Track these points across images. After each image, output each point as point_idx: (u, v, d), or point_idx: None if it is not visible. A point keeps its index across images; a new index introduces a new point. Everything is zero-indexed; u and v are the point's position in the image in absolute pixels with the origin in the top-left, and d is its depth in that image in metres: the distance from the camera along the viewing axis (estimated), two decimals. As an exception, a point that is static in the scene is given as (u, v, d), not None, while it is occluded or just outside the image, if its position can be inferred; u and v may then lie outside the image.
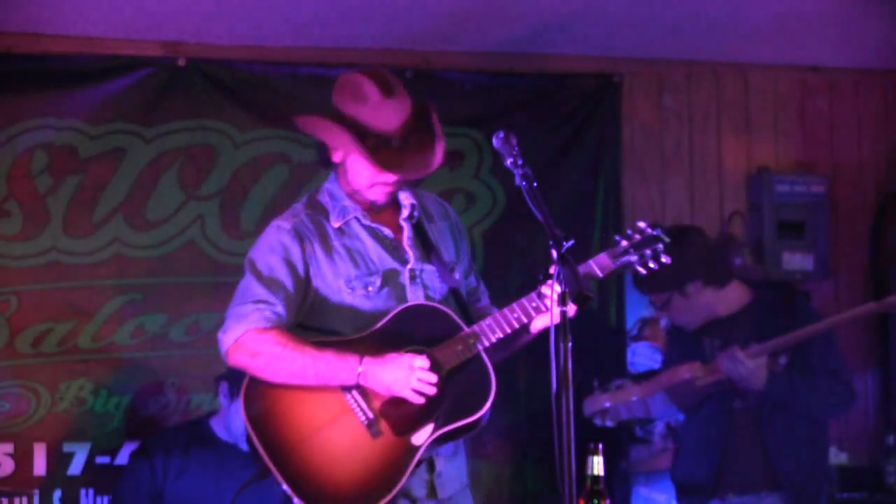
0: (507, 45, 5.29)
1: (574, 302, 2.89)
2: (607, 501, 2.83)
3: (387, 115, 3.34)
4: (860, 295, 5.72)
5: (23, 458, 4.88)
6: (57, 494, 4.89)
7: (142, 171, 5.06)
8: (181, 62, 5.09)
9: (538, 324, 3.32)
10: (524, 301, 3.29)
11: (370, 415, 3.28)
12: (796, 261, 5.51)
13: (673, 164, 5.65)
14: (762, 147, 5.72)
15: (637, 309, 5.51)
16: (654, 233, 3.37)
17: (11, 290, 4.92)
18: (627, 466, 5.39)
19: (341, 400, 3.29)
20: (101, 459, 4.93)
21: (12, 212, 4.95)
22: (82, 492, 4.91)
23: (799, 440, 4.37)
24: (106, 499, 4.90)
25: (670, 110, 5.64)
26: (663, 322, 5.55)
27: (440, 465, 3.38)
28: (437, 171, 5.14)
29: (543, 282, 3.26)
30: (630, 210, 5.52)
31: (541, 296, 3.28)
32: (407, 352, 3.27)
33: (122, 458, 4.92)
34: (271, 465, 3.26)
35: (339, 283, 3.37)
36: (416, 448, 3.26)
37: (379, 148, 3.32)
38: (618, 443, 5.33)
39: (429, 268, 3.42)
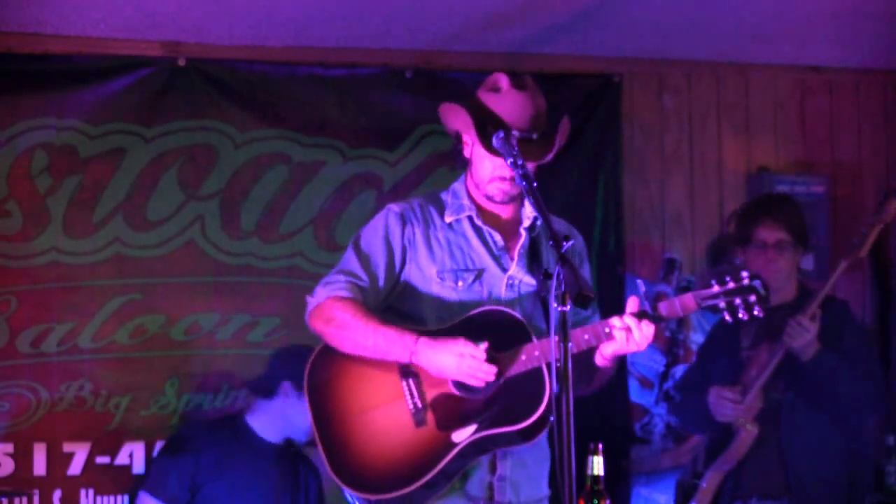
0: (507, 45, 5.29)
1: (574, 302, 2.89)
2: (607, 501, 2.83)
3: (512, 105, 3.41)
4: (860, 295, 5.73)
5: (23, 458, 4.88)
6: (57, 494, 4.89)
7: (142, 171, 5.06)
8: (181, 62, 5.09)
9: (608, 350, 3.28)
10: (598, 325, 3.27)
11: (419, 404, 3.34)
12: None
13: (673, 164, 5.65)
14: (762, 147, 5.72)
15: (637, 309, 5.50)
16: (752, 283, 3.20)
17: (11, 290, 4.92)
18: (627, 466, 5.39)
19: (397, 385, 3.36)
20: (101, 459, 4.93)
21: (12, 212, 4.95)
22: (82, 492, 4.91)
23: (819, 447, 4.35)
24: (107, 499, 4.90)
25: (670, 110, 5.64)
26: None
27: (505, 469, 3.38)
28: (438, 172, 5.24)
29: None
30: (630, 210, 5.52)
31: (615, 325, 3.23)
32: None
33: (123, 458, 4.93)
34: (315, 432, 3.40)
35: (431, 271, 3.44)
36: (454, 445, 3.28)
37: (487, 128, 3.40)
38: (618, 443, 5.33)
39: (529, 280, 3.43)
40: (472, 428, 3.28)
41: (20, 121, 4.95)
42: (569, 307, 2.89)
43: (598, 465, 2.84)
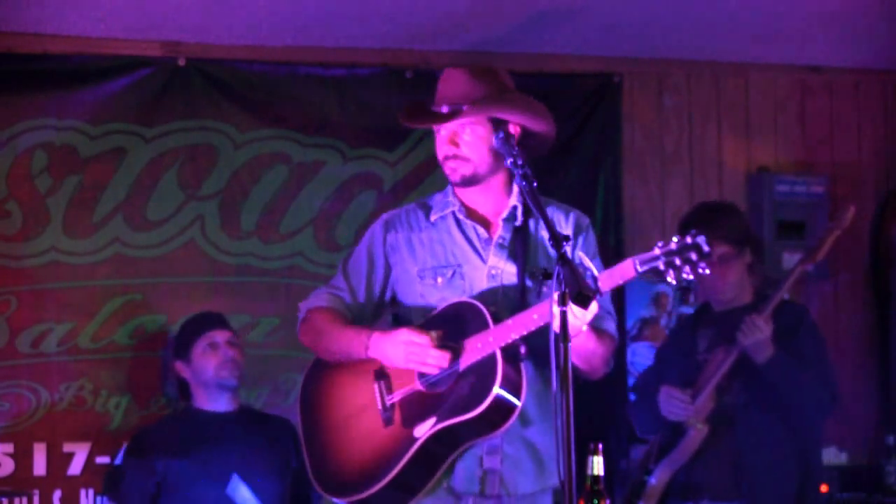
0: (507, 44, 5.29)
1: (574, 302, 2.88)
2: (607, 501, 2.83)
3: (442, 80, 3.49)
4: (860, 295, 5.73)
5: (23, 458, 4.88)
6: (57, 494, 4.89)
7: (142, 171, 5.06)
8: (181, 62, 5.09)
9: (556, 325, 3.22)
10: (546, 303, 3.17)
11: (387, 403, 3.38)
12: (796, 261, 5.50)
13: (673, 164, 5.65)
14: (762, 147, 5.72)
15: (637, 309, 5.51)
16: (695, 241, 3.02)
17: (11, 290, 4.92)
18: (627, 466, 5.39)
19: (371, 389, 3.41)
20: (101, 459, 4.93)
21: (12, 212, 4.95)
22: (82, 492, 4.91)
23: (771, 451, 4.35)
24: (107, 499, 4.90)
25: (670, 110, 5.65)
26: (663, 321, 5.55)
27: (493, 462, 3.36)
28: (437, 172, 5.20)
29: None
30: (630, 210, 5.52)
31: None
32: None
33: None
34: (303, 446, 3.49)
35: (413, 271, 3.47)
36: (415, 440, 3.28)
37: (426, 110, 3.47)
38: (618, 443, 5.33)
39: (511, 269, 3.41)
40: (431, 421, 3.28)
41: (20, 121, 4.95)
42: (568, 307, 2.87)
43: (598, 465, 2.84)
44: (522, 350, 3.26)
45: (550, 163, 5.35)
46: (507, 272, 3.41)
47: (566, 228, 3.49)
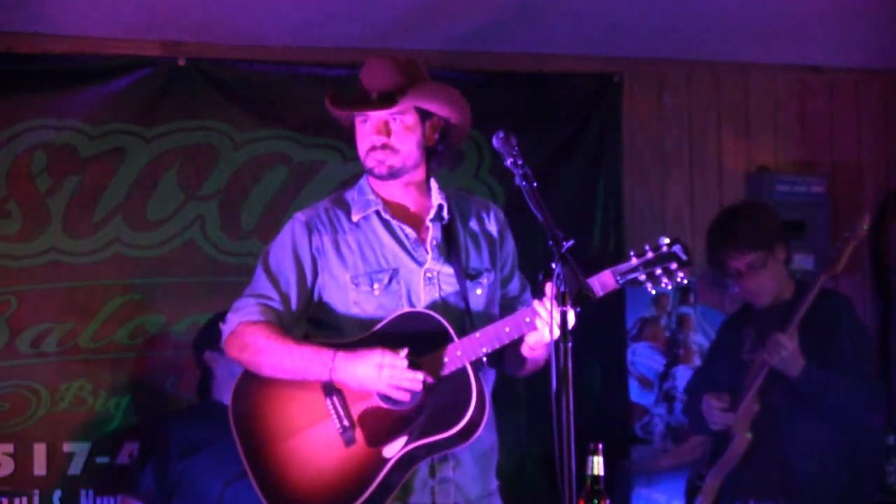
0: (507, 44, 5.29)
1: (574, 302, 2.87)
2: (607, 501, 2.83)
3: (367, 70, 3.42)
4: (860, 295, 5.73)
5: (23, 458, 4.87)
6: (57, 494, 4.89)
7: (142, 171, 5.06)
8: (181, 62, 5.09)
9: (532, 339, 3.20)
10: (518, 315, 3.19)
11: (346, 422, 3.24)
12: (796, 261, 5.49)
13: (673, 164, 5.65)
14: (762, 147, 5.72)
15: (637, 309, 5.51)
16: (672, 250, 3.08)
17: (11, 290, 4.92)
18: (628, 466, 5.39)
19: (322, 405, 3.26)
20: (101, 459, 4.93)
21: (12, 212, 4.95)
22: (82, 492, 4.91)
23: (817, 451, 4.35)
24: (107, 499, 4.90)
25: (670, 110, 5.65)
26: (663, 321, 5.55)
27: (446, 471, 3.31)
28: (437, 172, 5.23)
29: (541, 289, 3.16)
30: (630, 210, 5.52)
31: (534, 312, 3.14)
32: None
33: (123, 458, 4.92)
34: (245, 462, 3.30)
35: (345, 278, 3.34)
36: (386, 461, 3.19)
37: (351, 98, 3.41)
38: (618, 443, 5.33)
39: (447, 271, 3.34)
40: (402, 440, 3.19)
41: (20, 121, 4.95)
42: (569, 307, 2.86)
43: (598, 465, 2.84)
44: (484, 360, 3.22)
45: (551, 163, 5.36)
46: (444, 273, 3.35)
47: (491, 224, 3.48)
